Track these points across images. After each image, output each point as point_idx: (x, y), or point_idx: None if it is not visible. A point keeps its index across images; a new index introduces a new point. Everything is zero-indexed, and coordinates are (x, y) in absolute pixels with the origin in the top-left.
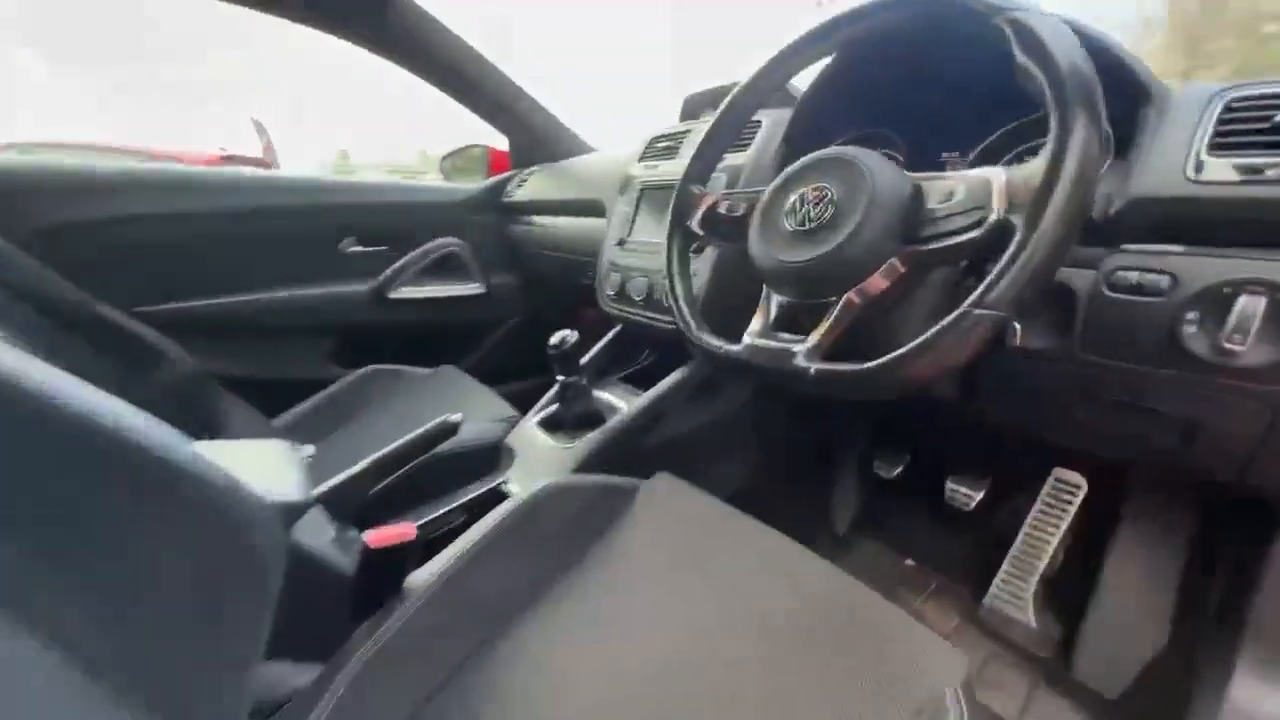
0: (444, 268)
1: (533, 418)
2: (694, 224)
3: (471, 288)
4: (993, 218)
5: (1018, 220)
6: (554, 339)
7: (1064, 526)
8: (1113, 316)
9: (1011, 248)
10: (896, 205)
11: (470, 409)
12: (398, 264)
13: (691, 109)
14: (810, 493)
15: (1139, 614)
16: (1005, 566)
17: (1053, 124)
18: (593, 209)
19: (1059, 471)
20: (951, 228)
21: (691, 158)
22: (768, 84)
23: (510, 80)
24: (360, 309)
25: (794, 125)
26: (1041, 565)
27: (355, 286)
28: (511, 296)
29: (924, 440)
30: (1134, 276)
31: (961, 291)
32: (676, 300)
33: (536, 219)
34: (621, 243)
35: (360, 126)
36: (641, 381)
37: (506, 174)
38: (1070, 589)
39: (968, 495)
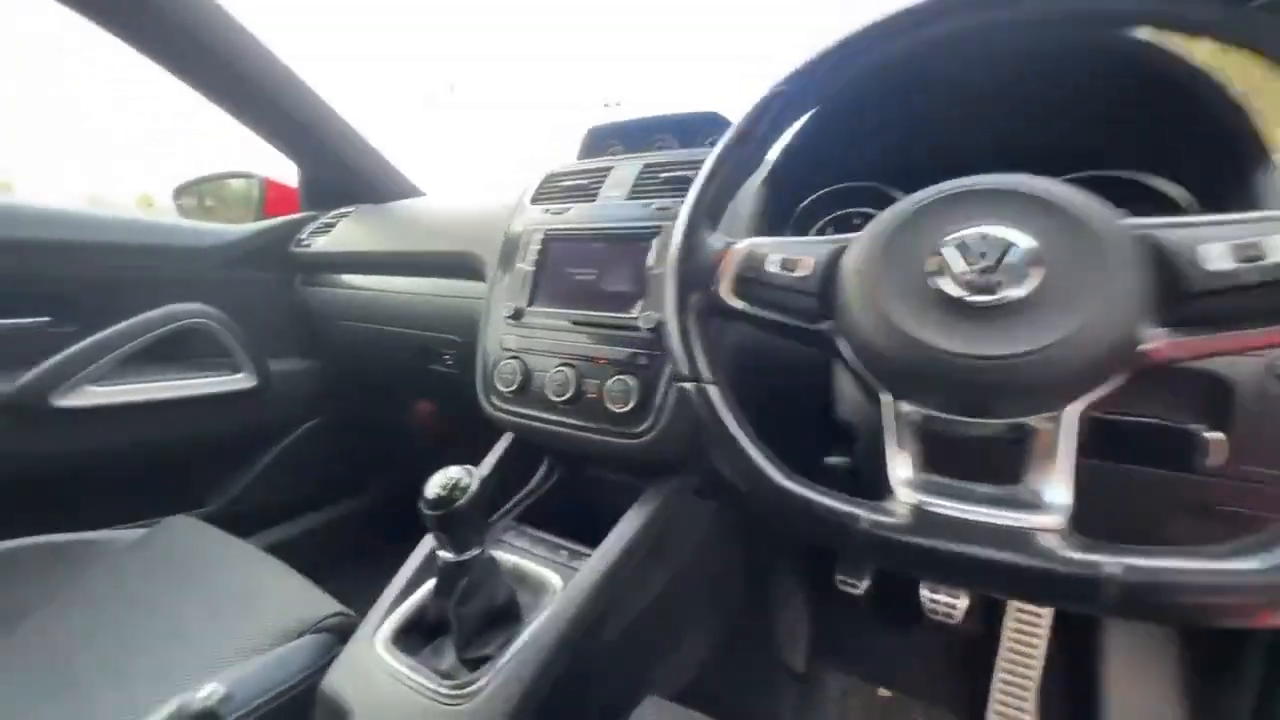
0: (176, 353)
1: (375, 626)
2: (722, 290)
3: (231, 381)
4: None
5: None
6: (436, 484)
7: (1047, 623)
8: None
9: None
10: (1145, 267)
11: (235, 612)
12: (75, 349)
13: (597, 142)
14: (762, 629)
15: None
16: (996, 687)
17: None
18: (458, 268)
19: None
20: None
21: (701, 184)
22: (823, 81)
23: (313, 91)
24: None
25: (785, 160)
26: (1035, 678)
27: None
28: (302, 392)
29: None
30: None
31: None
32: (721, 421)
33: (351, 279)
34: (518, 315)
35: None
36: (540, 519)
37: (296, 216)
38: (1070, 699)
39: (950, 605)
